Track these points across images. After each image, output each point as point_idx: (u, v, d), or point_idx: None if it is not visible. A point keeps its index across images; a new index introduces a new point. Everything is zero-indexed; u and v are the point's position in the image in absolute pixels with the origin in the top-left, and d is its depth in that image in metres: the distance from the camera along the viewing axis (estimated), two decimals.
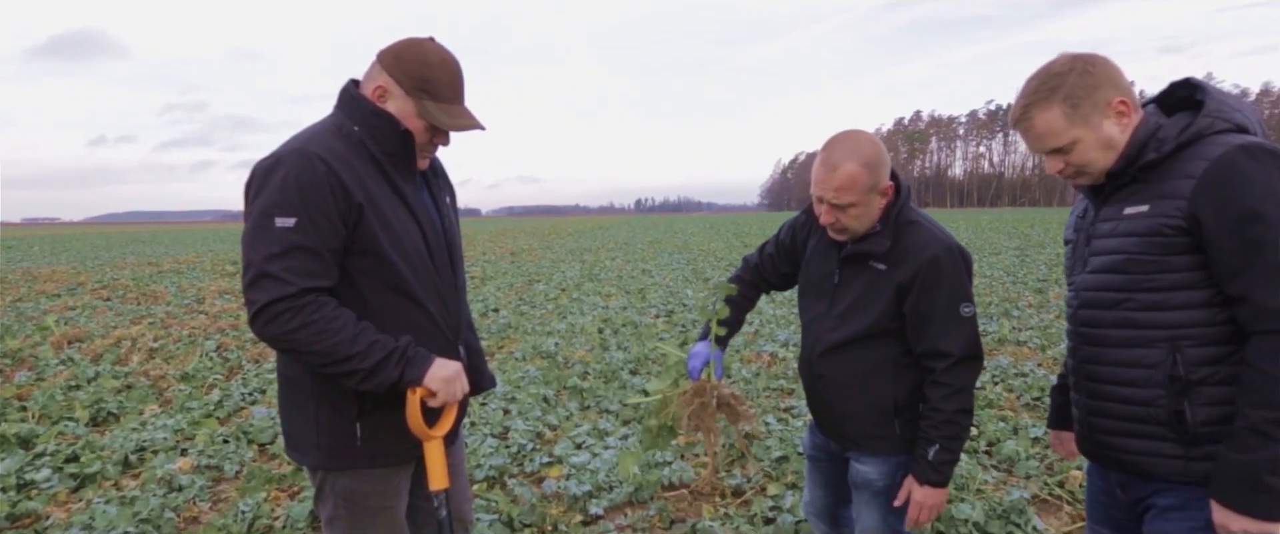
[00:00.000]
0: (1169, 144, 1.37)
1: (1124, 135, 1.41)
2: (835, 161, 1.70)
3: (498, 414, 4.59)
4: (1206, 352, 1.36)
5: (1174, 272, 1.36)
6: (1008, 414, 4.38)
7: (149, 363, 6.42)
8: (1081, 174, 1.47)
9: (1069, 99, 1.39)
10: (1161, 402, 1.41)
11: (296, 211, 1.48)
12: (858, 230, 1.78)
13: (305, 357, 1.52)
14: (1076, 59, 1.41)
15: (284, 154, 1.53)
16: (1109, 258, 1.45)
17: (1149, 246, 1.37)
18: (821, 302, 1.92)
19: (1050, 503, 3.27)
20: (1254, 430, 1.27)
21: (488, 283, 12.80)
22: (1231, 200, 1.28)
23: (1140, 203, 1.40)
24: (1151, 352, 1.40)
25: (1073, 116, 1.40)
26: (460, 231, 1.90)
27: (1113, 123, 1.40)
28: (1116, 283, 1.43)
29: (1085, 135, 1.41)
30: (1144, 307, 1.40)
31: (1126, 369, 1.44)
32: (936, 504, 1.80)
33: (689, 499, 3.40)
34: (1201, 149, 1.34)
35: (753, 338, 6.87)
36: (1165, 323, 1.38)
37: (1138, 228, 1.39)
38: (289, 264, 1.47)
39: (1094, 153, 1.42)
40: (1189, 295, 1.36)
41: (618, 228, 44.52)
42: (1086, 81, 1.39)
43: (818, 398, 1.97)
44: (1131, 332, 1.42)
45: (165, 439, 4.28)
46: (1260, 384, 1.26)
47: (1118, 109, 1.40)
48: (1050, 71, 1.42)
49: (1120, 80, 1.41)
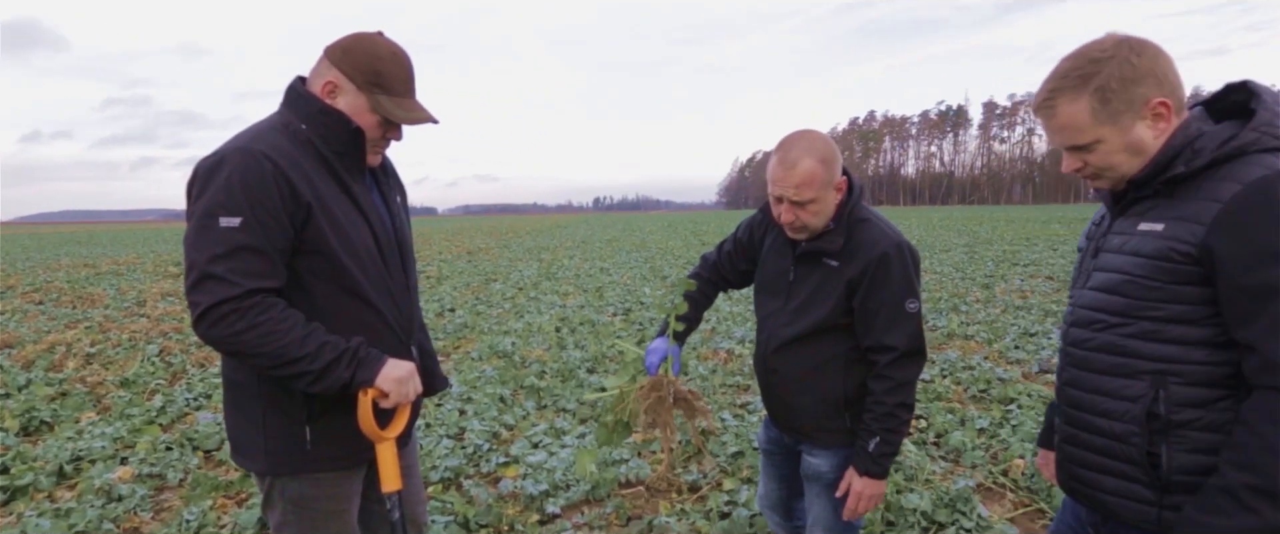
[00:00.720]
0: (1203, 158, 1.19)
1: (1157, 141, 1.23)
2: (793, 159, 1.73)
3: (454, 415, 4.53)
4: (1194, 392, 1.22)
5: (1176, 302, 1.21)
6: (955, 406, 4.52)
7: (86, 369, 6.16)
8: (1100, 177, 1.31)
9: (1101, 92, 1.21)
10: (1136, 440, 1.27)
11: (241, 211, 1.44)
12: (816, 226, 1.81)
13: (253, 359, 1.49)
14: (1122, 44, 1.22)
15: (228, 152, 1.49)
16: (1110, 277, 1.30)
17: (1154, 271, 1.22)
18: (777, 298, 1.95)
19: (994, 491, 3.39)
20: (1228, 492, 1.12)
21: (444, 282, 12.62)
22: (1255, 235, 1.11)
23: (1157, 220, 1.23)
24: (1135, 383, 1.26)
25: (1100, 113, 1.22)
26: (411, 231, 1.88)
27: (1147, 126, 1.23)
28: (1113, 305, 1.29)
29: (1111, 136, 1.24)
30: (1136, 334, 1.25)
31: (1105, 399, 1.31)
32: (876, 495, 1.84)
33: (646, 496, 3.42)
34: (1238, 169, 1.17)
35: (710, 335, 6.93)
36: (1155, 355, 1.24)
37: (1146, 248, 1.23)
38: (234, 265, 1.44)
39: (1118, 156, 1.26)
40: (1187, 330, 1.21)
41: (576, 226, 44.37)
42: (1125, 73, 1.20)
43: (772, 392, 2.00)
44: (1118, 359, 1.28)
45: (103, 448, 4.11)
46: (1249, 444, 1.11)
47: (1156, 111, 1.22)
48: (1088, 55, 1.23)
49: (1167, 76, 1.22)
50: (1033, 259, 13.95)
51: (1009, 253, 15.50)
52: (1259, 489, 1.09)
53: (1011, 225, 28.73)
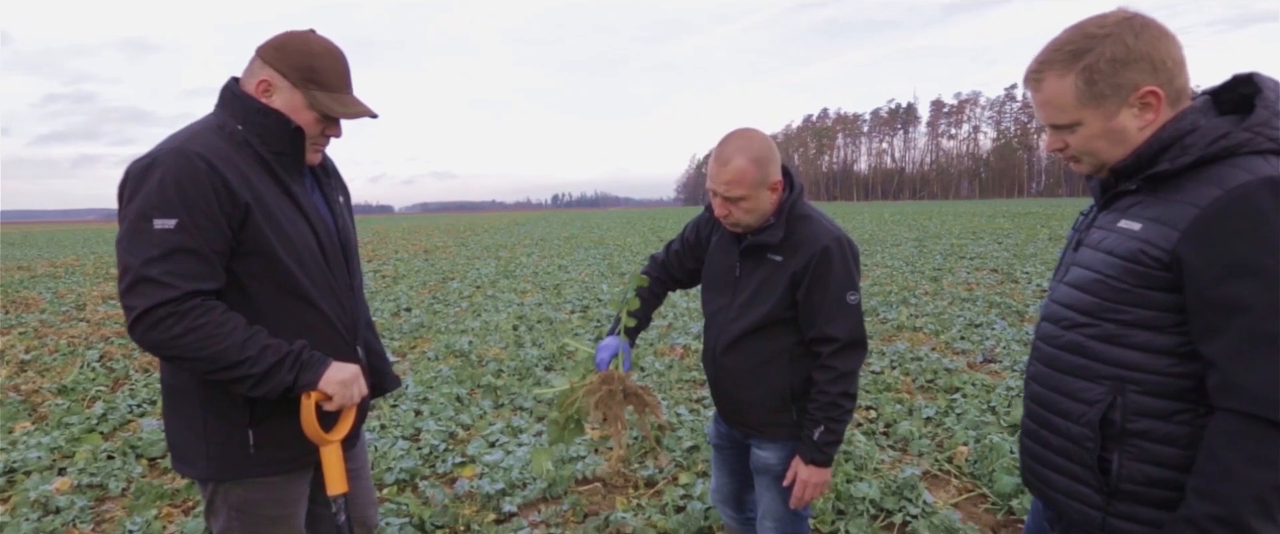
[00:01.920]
0: (1190, 156, 1.11)
1: (1142, 132, 1.16)
2: (727, 157, 1.78)
3: (409, 415, 4.49)
4: (1152, 403, 1.17)
5: (1143, 307, 1.15)
6: (904, 396, 4.65)
7: (20, 376, 5.91)
8: (1080, 160, 1.24)
9: (1088, 72, 1.13)
10: (1089, 445, 1.23)
11: (176, 212, 1.42)
12: (749, 223, 1.86)
13: (192, 364, 1.47)
14: (1124, 22, 1.13)
15: (161, 154, 1.46)
16: (1084, 274, 1.25)
17: (1124, 273, 1.16)
18: (724, 294, 2.00)
19: (940, 477, 3.51)
20: (1195, 525, 1.07)
21: (401, 282, 12.42)
22: (1226, 245, 1.04)
23: (1136, 219, 1.17)
24: (1094, 387, 1.22)
25: (1085, 94, 1.15)
26: (355, 231, 1.87)
27: (1133, 114, 1.15)
28: (1082, 304, 1.24)
29: (1092, 120, 1.17)
30: (1100, 337, 1.21)
31: (1065, 399, 1.27)
32: (821, 483, 1.90)
33: (603, 492, 3.44)
34: (1223, 172, 1.09)
35: (666, 331, 6.99)
36: (1116, 360, 1.19)
37: (1121, 248, 1.18)
38: (171, 267, 1.42)
39: (1098, 142, 1.19)
40: (1151, 337, 1.15)
41: (534, 224, 44.08)
42: (1117, 54, 1.12)
43: (720, 388, 2.04)
44: (1080, 359, 1.24)
45: (40, 458, 3.95)
46: (1212, 472, 1.06)
47: (1144, 99, 1.13)
48: (1086, 29, 1.15)
49: (1165, 62, 1.12)
50: (979, 252, 14.39)
51: (956, 246, 15.95)
52: (1221, 519, 1.04)
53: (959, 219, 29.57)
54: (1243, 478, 1.03)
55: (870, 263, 13.13)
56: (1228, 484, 1.04)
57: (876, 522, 3.02)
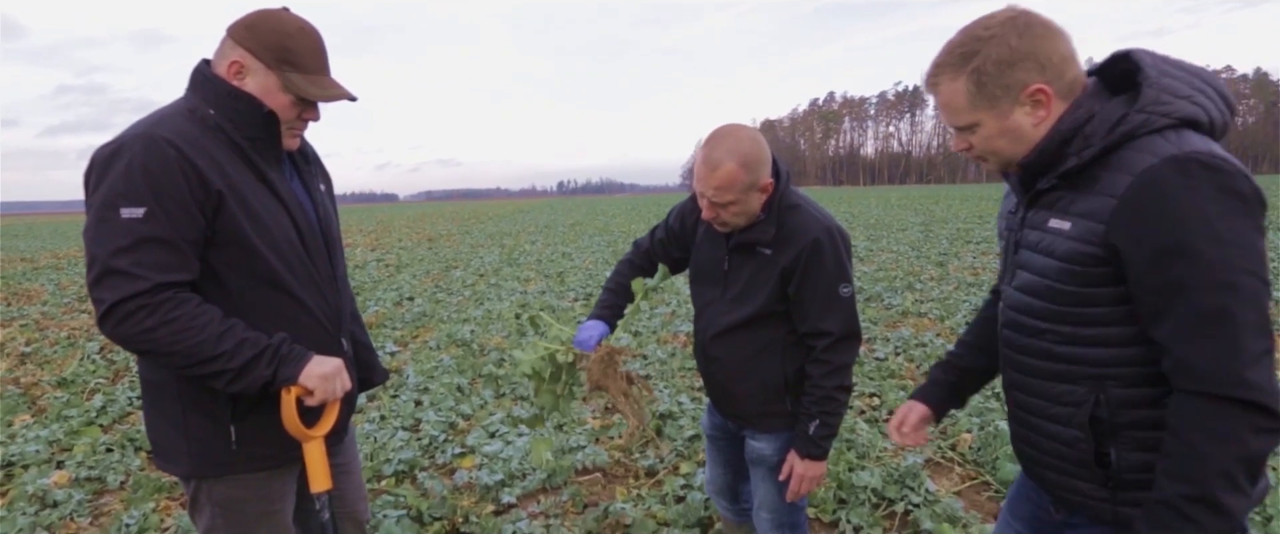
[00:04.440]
0: (1095, 146, 1.13)
1: (1038, 128, 1.18)
2: (715, 160, 1.70)
3: (409, 406, 4.46)
4: (1134, 393, 1.18)
5: (1096, 305, 1.16)
6: (908, 383, 4.60)
7: (20, 369, 5.91)
8: (986, 159, 1.27)
9: (976, 75, 1.16)
10: (1083, 445, 1.24)
11: (144, 201, 1.37)
12: (738, 224, 1.80)
13: (165, 359, 1.42)
14: (1009, 22, 1.15)
15: (127, 139, 1.41)
16: (1031, 278, 1.26)
17: (1067, 276, 1.18)
18: (714, 287, 1.94)
19: (943, 465, 3.46)
20: (1169, 506, 1.08)
21: (403, 271, 12.40)
22: (1154, 230, 1.06)
23: (1064, 216, 1.18)
24: (1075, 388, 1.23)
25: (976, 97, 1.17)
26: (338, 220, 1.82)
27: (1026, 112, 1.17)
28: (1037, 309, 1.25)
29: (988, 121, 1.19)
30: (1064, 340, 1.22)
31: (1050, 404, 1.27)
32: (817, 476, 1.87)
33: (602, 482, 3.41)
34: (1128, 158, 1.11)
35: (670, 318, 6.94)
36: (1087, 359, 1.20)
37: (1059, 249, 1.19)
38: (140, 258, 1.37)
39: (998, 142, 1.21)
40: (1113, 331, 1.16)
41: (539, 211, 44.01)
42: (1002, 55, 1.14)
43: (713, 379, 2.00)
44: (1053, 365, 1.25)
45: (38, 452, 3.94)
46: (1178, 453, 1.08)
47: (1034, 97, 1.15)
48: (973, 32, 1.18)
49: (1051, 57, 1.14)
50: (985, 236, 14.28)
51: (963, 231, 15.84)
52: (1195, 498, 1.06)
53: (966, 203, 29.36)
54: (1208, 456, 1.05)
55: (875, 248, 13.04)
56: (1195, 464, 1.06)
57: (878, 510, 2.97)
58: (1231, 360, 1.04)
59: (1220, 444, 1.05)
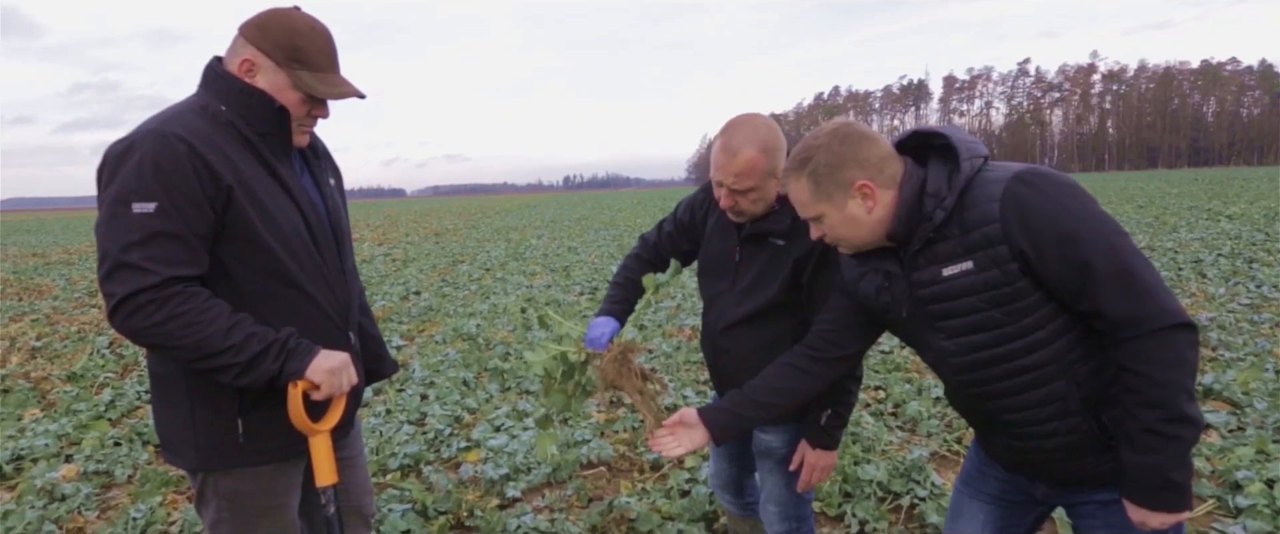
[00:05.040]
0: (951, 198, 1.34)
1: (871, 215, 1.39)
2: (735, 147, 1.70)
3: (415, 400, 4.47)
4: (1096, 361, 1.36)
5: (1033, 312, 1.33)
6: (913, 376, 4.58)
7: (30, 363, 5.95)
8: (839, 243, 1.48)
9: (813, 176, 1.39)
10: (1086, 427, 1.38)
11: (156, 196, 1.38)
12: (755, 213, 1.79)
13: (174, 352, 1.44)
14: (832, 134, 1.40)
15: (139, 136, 1.42)
16: (961, 322, 1.39)
17: (996, 300, 1.34)
18: (723, 279, 1.93)
19: (948, 458, 3.45)
20: (1150, 431, 1.26)
21: (410, 265, 12.43)
22: (1038, 233, 1.27)
23: (957, 261, 1.35)
24: (1055, 386, 1.38)
25: (816, 193, 1.40)
26: (347, 215, 1.83)
27: (858, 204, 1.39)
28: (985, 342, 1.39)
29: (830, 212, 1.41)
30: (1024, 351, 1.36)
31: (1041, 409, 1.40)
32: (829, 466, 1.87)
33: (607, 476, 3.41)
34: (977, 195, 1.33)
35: (675, 312, 6.93)
36: (1052, 358, 1.35)
37: (974, 285, 1.34)
38: (151, 252, 1.38)
39: (842, 229, 1.42)
40: (1057, 324, 1.34)
41: (546, 205, 44.02)
42: (829, 159, 1.37)
43: (722, 371, 1.99)
44: (1026, 377, 1.38)
45: (47, 446, 3.97)
46: (1141, 386, 1.26)
47: (862, 191, 1.37)
48: (807, 143, 1.42)
49: (870, 158, 1.38)
50: None
51: None
52: (1172, 419, 1.25)
53: None
54: (1169, 380, 1.24)
55: None
56: (1161, 390, 1.25)
57: (884, 504, 2.96)
58: (1152, 300, 1.25)
59: (1174, 368, 1.25)
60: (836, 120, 1.44)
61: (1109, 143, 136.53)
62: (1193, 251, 9.42)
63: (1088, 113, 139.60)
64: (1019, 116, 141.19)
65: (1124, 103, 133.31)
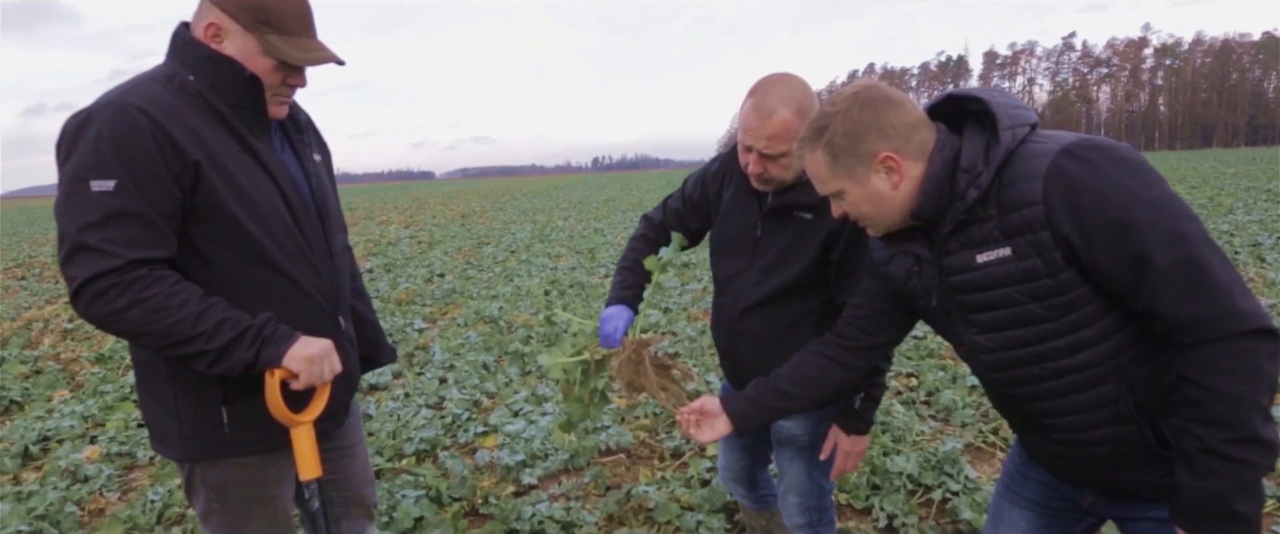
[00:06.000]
0: (987, 174, 1.18)
1: (897, 192, 1.23)
2: (768, 108, 1.57)
3: (434, 383, 4.42)
4: (1154, 364, 1.18)
5: (1078, 308, 1.16)
6: (947, 363, 4.39)
7: (61, 345, 6.05)
8: (863, 223, 1.33)
9: (830, 147, 1.23)
10: (1138, 435, 1.21)
11: (115, 173, 1.30)
12: (786, 180, 1.67)
13: (141, 339, 1.37)
14: (852, 98, 1.23)
15: (97, 108, 1.34)
16: (995, 315, 1.24)
17: (1036, 292, 1.18)
18: (741, 257, 1.81)
19: (984, 450, 3.27)
20: (1212, 453, 1.09)
21: (435, 247, 12.47)
22: (1087, 217, 1.10)
23: (993, 246, 1.19)
24: (1105, 389, 1.20)
25: (834, 167, 1.25)
26: (335, 192, 1.73)
27: (882, 179, 1.23)
28: (1023, 338, 1.23)
29: (850, 188, 1.26)
30: (1068, 350, 1.20)
31: (1088, 415, 1.24)
32: (862, 452, 1.80)
33: (626, 464, 3.31)
34: (1019, 169, 1.16)
35: (701, 294, 6.80)
36: (1100, 359, 1.19)
37: (1011, 275, 1.19)
38: (111, 233, 1.30)
39: (865, 207, 1.27)
40: (1107, 322, 1.17)
41: (573, 187, 43.99)
42: (848, 128, 1.21)
43: (739, 357, 1.87)
44: (1070, 378, 1.22)
45: (72, 427, 4.01)
46: (1204, 400, 1.09)
47: (886, 164, 1.21)
48: (824, 109, 1.26)
49: (893, 127, 1.21)
50: None
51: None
52: (1241, 440, 1.08)
53: None
54: (1239, 396, 1.07)
55: None
56: (1229, 406, 1.07)
57: (914, 498, 2.81)
58: (1222, 300, 1.06)
59: (1246, 380, 1.07)
60: (858, 82, 1.26)
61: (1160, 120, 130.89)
62: (1251, 234, 8.96)
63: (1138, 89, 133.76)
64: (1063, 93, 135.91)
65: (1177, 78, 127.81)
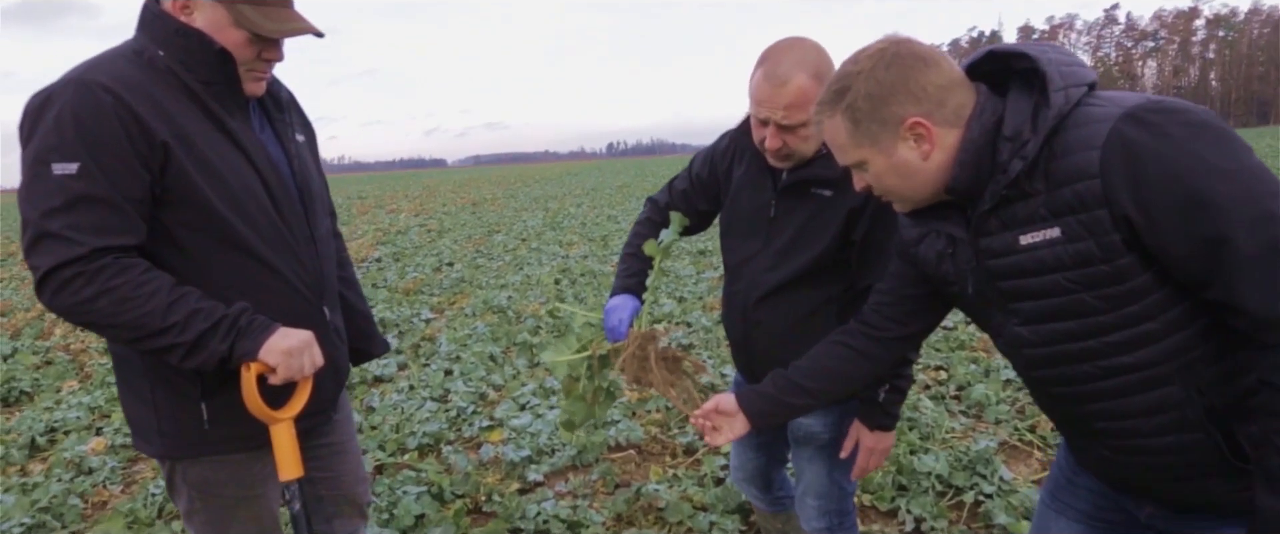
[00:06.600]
0: (1035, 142, 1.03)
1: (927, 163, 1.09)
2: (783, 75, 1.44)
3: (439, 375, 4.33)
4: (1229, 363, 1.04)
5: (1139, 298, 1.02)
6: (980, 355, 4.22)
7: (71, 336, 6.03)
8: (889, 198, 1.19)
9: (851, 112, 1.09)
10: (1208, 444, 1.07)
11: (77, 155, 1.22)
12: (804, 154, 1.55)
13: (109, 332, 1.29)
14: (878, 55, 1.07)
15: (58, 87, 1.26)
16: (1040, 304, 1.09)
17: (1089, 280, 1.03)
18: (754, 239, 1.69)
19: (1020, 449, 3.11)
20: None
21: (445, 236, 12.40)
22: (1154, 194, 0.95)
23: (1040, 226, 1.05)
24: (1168, 390, 1.06)
25: (856, 134, 1.10)
26: (321, 175, 1.64)
27: (909, 147, 1.08)
28: (1072, 331, 1.09)
29: (874, 158, 1.11)
30: (1127, 346, 1.05)
31: (1148, 419, 1.09)
32: (886, 450, 1.67)
33: (636, 460, 3.19)
34: (1075, 138, 1.00)
35: (717, 282, 6.65)
36: (1163, 356, 1.04)
37: (1060, 260, 1.04)
38: (75, 219, 1.22)
39: (890, 179, 1.13)
40: (1174, 314, 1.02)
41: (587, 173, 43.84)
42: (871, 90, 1.06)
43: (752, 348, 1.75)
44: (1129, 377, 1.08)
45: (78, 418, 3.98)
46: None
47: (914, 130, 1.07)
48: (845, 70, 1.10)
49: (924, 90, 1.05)
50: None
51: None
52: None
53: None
54: None
55: None
56: None
57: (944, 499, 2.67)
58: None
59: None
60: (885, 37, 1.11)
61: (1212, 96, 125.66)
62: None
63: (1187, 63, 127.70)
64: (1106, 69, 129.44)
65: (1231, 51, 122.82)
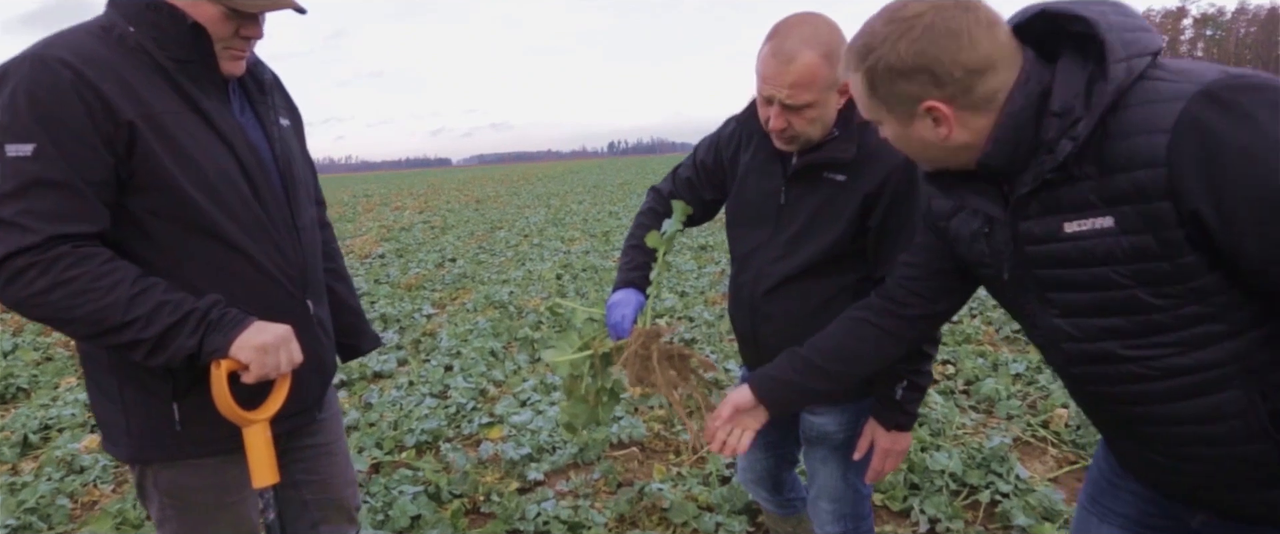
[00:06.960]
0: (1088, 121, 0.91)
1: (949, 141, 1.00)
2: (789, 52, 1.36)
3: (439, 371, 4.24)
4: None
5: (1201, 298, 0.91)
6: (987, 349, 4.12)
7: None
8: (914, 157, 1.11)
9: (869, 76, 1.00)
10: (1272, 454, 0.97)
11: (33, 135, 1.14)
12: (812, 136, 1.46)
13: (67, 327, 1.19)
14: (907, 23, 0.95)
15: (13, 63, 1.17)
16: (1084, 298, 0.99)
17: (1146, 276, 0.93)
18: (763, 228, 1.60)
19: (1034, 446, 3.01)
20: None
21: (448, 232, 12.34)
22: (1233, 187, 0.83)
23: (1089, 214, 0.94)
24: (1228, 395, 0.96)
25: (873, 98, 1.02)
26: (307, 161, 1.56)
27: (926, 126, 1.00)
28: (1121, 328, 0.98)
29: (891, 123, 1.04)
30: (1184, 346, 0.95)
31: (1202, 426, 0.99)
32: (903, 451, 1.58)
33: (640, 458, 3.10)
34: (1138, 117, 0.88)
35: (720, 277, 6.56)
36: (1224, 358, 0.94)
37: (1112, 252, 0.93)
38: (29, 205, 1.14)
39: (909, 145, 1.05)
40: (1242, 315, 0.92)
41: (589, 171, 43.75)
42: (892, 62, 0.95)
43: (762, 343, 1.65)
44: (1184, 379, 0.97)
45: (73, 416, 3.90)
46: None
47: (932, 114, 0.97)
48: (873, 27, 0.99)
49: (950, 73, 0.94)
50: None
51: None
52: None
53: None
54: None
55: None
56: None
57: (958, 499, 2.57)
58: None
59: None
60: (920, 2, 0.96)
61: None
62: None
63: None
64: None
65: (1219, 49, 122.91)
